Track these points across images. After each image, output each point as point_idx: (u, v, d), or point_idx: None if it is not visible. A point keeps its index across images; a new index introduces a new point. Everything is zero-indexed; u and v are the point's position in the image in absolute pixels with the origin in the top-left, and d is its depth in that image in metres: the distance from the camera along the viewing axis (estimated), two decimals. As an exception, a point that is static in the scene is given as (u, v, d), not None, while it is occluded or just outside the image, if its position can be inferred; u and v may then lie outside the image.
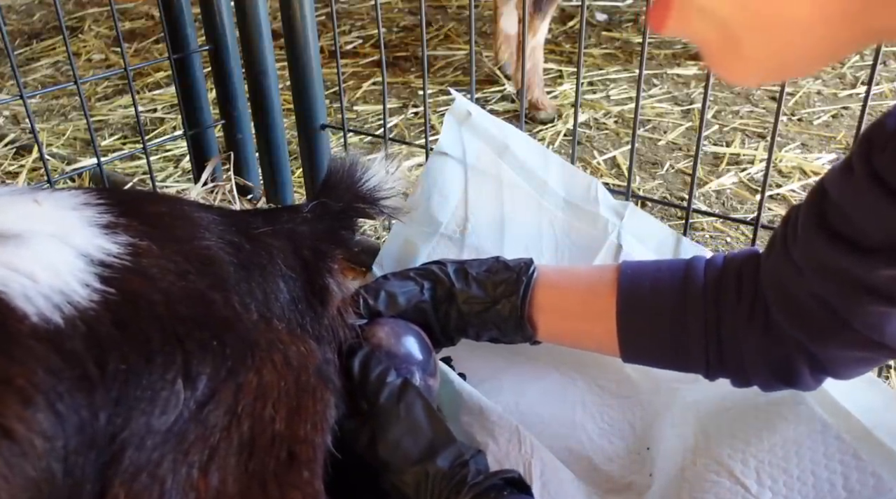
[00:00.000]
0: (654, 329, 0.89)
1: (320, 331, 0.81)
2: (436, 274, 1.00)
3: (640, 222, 1.15)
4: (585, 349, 1.01)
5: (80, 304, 0.64)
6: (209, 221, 0.78)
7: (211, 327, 0.68)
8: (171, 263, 0.69)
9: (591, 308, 0.94)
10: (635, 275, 0.92)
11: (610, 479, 0.99)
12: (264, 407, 0.69)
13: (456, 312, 0.98)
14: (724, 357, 0.87)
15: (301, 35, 1.53)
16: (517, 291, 0.96)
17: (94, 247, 0.67)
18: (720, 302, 0.86)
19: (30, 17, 3.55)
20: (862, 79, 2.61)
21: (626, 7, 3.34)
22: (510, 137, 1.21)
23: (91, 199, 0.73)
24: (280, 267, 0.79)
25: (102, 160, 1.56)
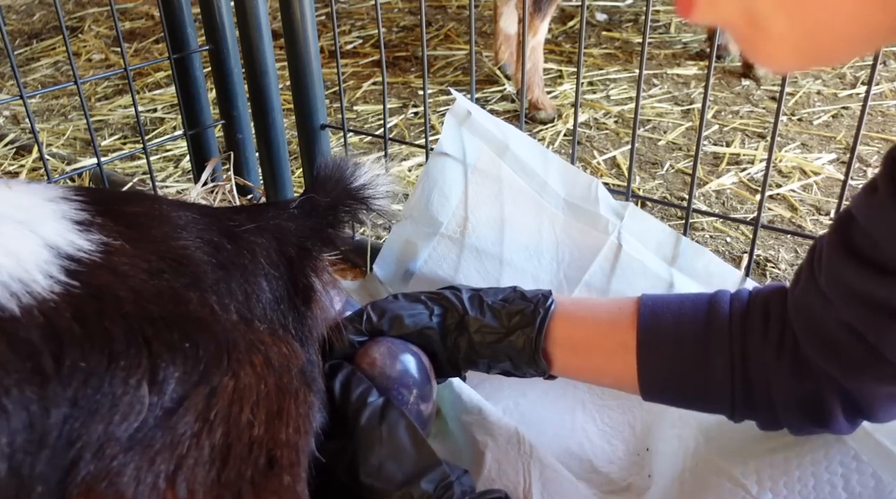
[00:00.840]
0: (675, 364, 0.85)
1: (304, 331, 0.78)
2: (448, 300, 0.96)
3: (640, 222, 1.15)
4: (603, 385, 0.97)
5: (40, 294, 0.60)
6: (188, 220, 0.75)
7: (183, 328, 0.65)
8: (144, 261, 0.66)
9: (609, 342, 0.89)
10: (656, 307, 0.88)
11: (610, 480, 1.00)
12: (241, 411, 0.66)
13: (467, 341, 0.94)
14: (751, 395, 0.82)
15: (301, 35, 1.53)
16: (533, 323, 0.91)
17: (63, 240, 0.64)
18: (746, 337, 0.82)
19: (30, 17, 3.55)
20: (862, 79, 2.61)
21: (626, 7, 3.34)
22: (511, 138, 1.21)
23: (69, 194, 0.70)
24: (263, 266, 0.76)
25: (102, 160, 1.56)
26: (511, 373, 0.95)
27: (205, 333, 0.66)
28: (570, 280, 1.16)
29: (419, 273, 1.24)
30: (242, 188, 1.77)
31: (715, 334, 0.83)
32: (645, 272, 1.11)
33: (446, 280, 1.22)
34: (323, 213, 0.86)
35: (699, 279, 1.11)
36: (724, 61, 2.81)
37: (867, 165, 2.08)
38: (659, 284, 1.11)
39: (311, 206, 0.85)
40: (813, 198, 1.93)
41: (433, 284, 1.23)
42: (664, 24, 3.16)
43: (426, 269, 1.23)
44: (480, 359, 0.95)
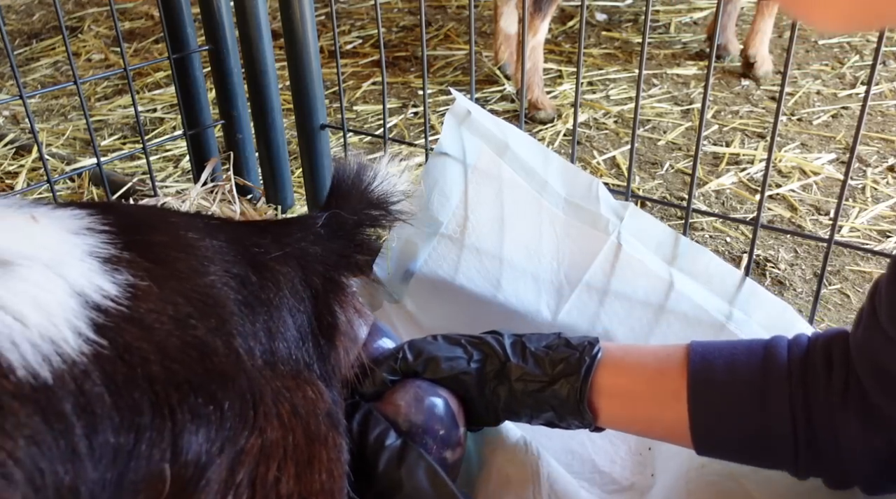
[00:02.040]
0: (731, 414, 0.80)
1: (327, 370, 0.75)
2: (489, 345, 0.91)
3: (640, 222, 1.15)
4: (654, 438, 0.93)
5: (70, 356, 0.55)
6: (214, 250, 0.71)
7: (208, 390, 0.61)
8: (171, 305, 0.62)
9: (658, 392, 0.84)
10: (707, 354, 0.83)
11: (612, 480, 1.00)
12: (267, 471, 0.63)
13: (507, 390, 0.89)
14: (817, 449, 0.76)
15: (301, 35, 1.53)
16: (578, 372, 0.86)
17: (91, 286, 0.59)
18: (808, 384, 0.77)
19: (29, 17, 3.55)
20: (861, 79, 2.61)
21: (626, 7, 3.34)
22: (511, 137, 1.20)
23: (94, 223, 0.65)
24: (287, 299, 0.72)
25: (102, 160, 1.56)
26: (555, 424, 0.90)
27: (229, 389, 0.63)
28: (571, 280, 1.15)
29: (419, 273, 1.23)
30: (242, 188, 1.77)
31: (773, 382, 0.78)
32: (645, 272, 1.11)
33: (446, 280, 1.22)
34: (349, 233, 0.82)
35: (700, 279, 1.11)
36: (723, 61, 2.81)
37: (867, 164, 2.08)
38: (659, 285, 1.11)
39: (336, 223, 0.81)
40: (812, 198, 1.93)
41: (433, 284, 1.23)
42: (664, 24, 3.17)
43: (426, 269, 1.23)
44: (522, 408, 0.90)
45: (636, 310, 1.11)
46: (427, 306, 1.24)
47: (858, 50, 2.87)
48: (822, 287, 1.14)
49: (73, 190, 1.92)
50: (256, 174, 1.83)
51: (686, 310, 1.09)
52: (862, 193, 1.95)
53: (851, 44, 2.92)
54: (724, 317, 1.07)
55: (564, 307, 1.15)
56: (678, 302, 1.09)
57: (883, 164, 2.09)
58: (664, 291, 1.10)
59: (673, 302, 1.09)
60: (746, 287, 1.09)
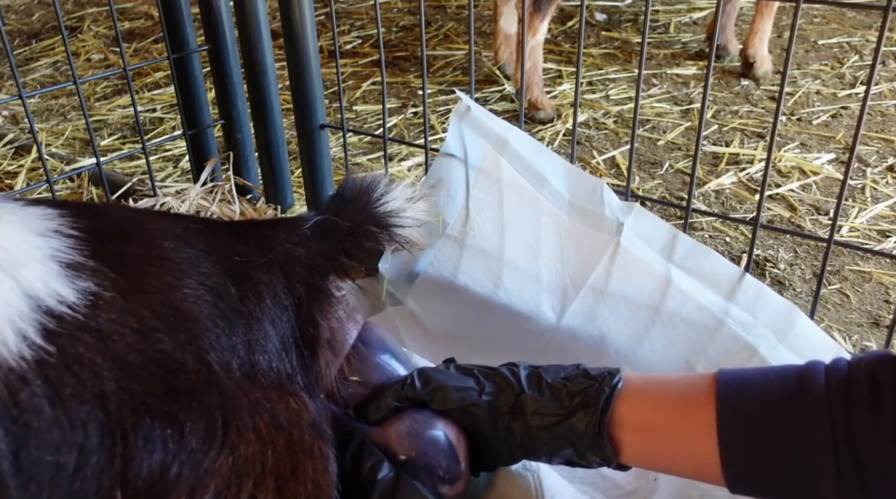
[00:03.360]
0: (766, 448, 0.74)
1: (311, 380, 0.72)
2: (504, 377, 0.86)
3: (645, 224, 1.15)
4: (683, 476, 0.87)
5: (6, 361, 0.50)
6: (191, 262, 0.67)
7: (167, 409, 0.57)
8: (135, 318, 0.58)
9: (685, 424, 0.78)
10: (736, 382, 0.77)
11: (616, 484, 0.99)
12: (240, 490, 0.60)
13: (522, 426, 0.84)
14: (863, 483, 0.69)
15: (300, 35, 1.53)
16: (596, 403, 0.81)
17: (46, 290, 0.55)
18: (852, 412, 0.70)
19: (29, 17, 3.55)
20: (861, 78, 2.61)
21: (626, 7, 3.34)
22: (515, 139, 1.20)
23: (64, 226, 0.61)
24: (269, 309, 0.69)
25: (101, 160, 1.56)
26: (575, 462, 0.85)
27: (194, 409, 0.59)
28: (576, 282, 1.15)
29: (424, 274, 1.23)
30: (242, 188, 1.77)
31: (811, 410, 0.71)
32: (650, 273, 1.11)
33: (451, 281, 1.22)
34: (340, 237, 0.78)
35: (705, 280, 1.11)
36: (723, 61, 2.81)
37: (866, 164, 2.08)
38: (663, 286, 1.11)
39: (327, 228, 0.78)
40: (812, 198, 1.93)
41: (438, 285, 1.23)
42: (663, 24, 3.17)
43: (431, 270, 1.23)
44: (539, 445, 0.84)
45: (640, 311, 1.11)
46: (431, 308, 1.25)
47: (858, 50, 2.87)
48: (821, 287, 1.14)
49: (73, 190, 1.92)
50: (256, 174, 1.83)
51: (690, 311, 1.09)
52: (861, 192, 1.95)
53: (851, 44, 2.93)
54: (728, 317, 1.07)
55: (569, 309, 1.15)
56: (682, 303, 1.09)
57: (882, 163, 2.09)
58: (668, 292, 1.10)
59: (677, 303, 1.09)
60: (753, 289, 1.09)
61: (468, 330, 1.22)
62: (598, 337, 1.14)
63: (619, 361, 1.10)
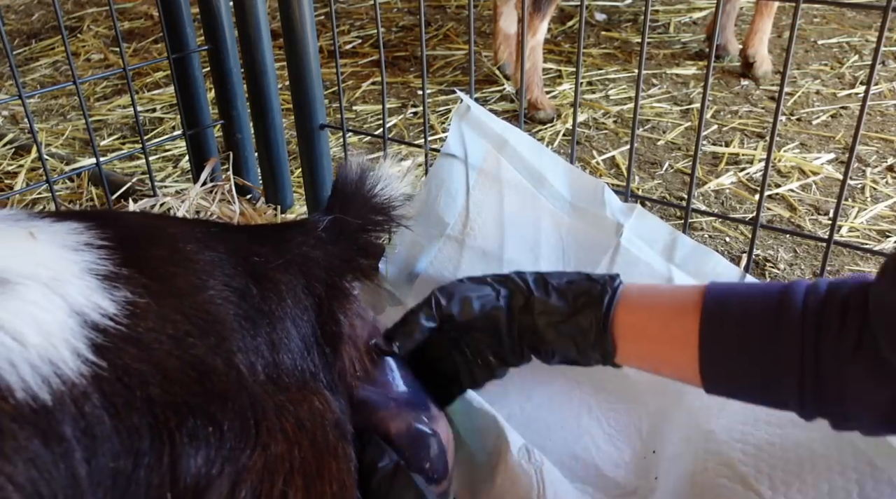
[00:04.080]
0: (740, 356, 0.81)
1: (333, 377, 0.74)
2: (514, 281, 0.94)
3: (646, 225, 1.15)
4: (665, 376, 0.94)
5: (70, 378, 0.54)
6: (213, 263, 0.69)
7: (206, 410, 0.60)
8: (169, 324, 0.61)
9: (672, 331, 0.86)
10: (722, 296, 0.84)
11: (616, 484, 0.99)
12: (273, 486, 0.63)
13: (530, 325, 0.92)
14: (822, 393, 0.77)
15: (300, 35, 1.53)
16: (601, 303, 0.88)
17: (89, 304, 0.58)
18: (821, 332, 0.77)
19: (28, 17, 3.55)
20: (861, 78, 2.62)
21: (626, 7, 3.35)
22: (516, 140, 1.20)
23: (93, 238, 0.64)
24: (290, 309, 0.72)
25: (101, 160, 1.56)
26: (574, 360, 0.92)
27: (228, 409, 0.62)
28: None
29: (425, 274, 1.23)
30: (242, 188, 1.77)
31: (785, 325, 0.78)
32: (651, 274, 1.11)
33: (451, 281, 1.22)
34: (353, 236, 0.81)
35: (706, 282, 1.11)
36: (723, 61, 2.81)
37: (866, 164, 2.08)
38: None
39: (339, 228, 0.81)
40: (812, 198, 1.93)
41: (438, 285, 1.23)
42: (663, 24, 3.17)
43: (432, 270, 1.23)
44: (544, 345, 0.92)
45: None
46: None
47: (858, 50, 2.87)
48: (821, 287, 1.14)
49: (73, 190, 1.92)
50: (256, 174, 1.83)
51: None
52: (861, 192, 1.95)
53: (851, 44, 2.93)
54: None
55: None
56: None
57: (882, 163, 2.09)
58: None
59: None
60: None
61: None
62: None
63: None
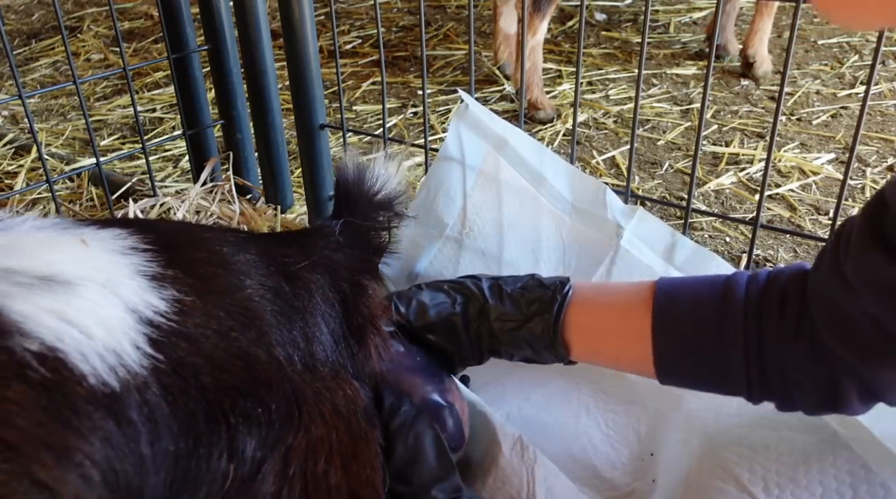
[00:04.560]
0: (691, 348, 0.84)
1: (359, 368, 0.79)
2: (469, 289, 0.97)
3: (647, 226, 1.15)
4: (622, 370, 0.97)
5: (133, 367, 0.59)
6: (249, 264, 0.75)
7: (255, 394, 0.65)
8: (214, 320, 0.66)
9: (625, 327, 0.89)
10: (671, 291, 0.87)
11: (613, 486, 0.99)
12: (316, 464, 0.68)
13: (487, 329, 0.96)
14: (766, 378, 0.81)
15: (300, 35, 1.53)
16: (551, 310, 0.92)
17: (142, 302, 0.63)
18: (762, 320, 0.81)
19: (28, 17, 3.55)
20: (861, 78, 2.61)
21: (626, 7, 3.34)
22: (517, 140, 1.20)
23: (138, 242, 0.69)
24: (319, 305, 0.77)
25: (101, 160, 1.56)
26: (532, 359, 0.97)
27: (274, 393, 0.67)
28: None
29: (424, 274, 1.24)
30: (242, 188, 1.77)
31: (729, 316, 0.82)
32: (652, 276, 1.11)
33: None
34: (365, 238, 0.87)
35: None
36: (723, 61, 2.81)
37: (866, 164, 2.08)
38: None
39: (351, 231, 0.87)
40: (812, 198, 1.93)
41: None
42: (663, 23, 3.17)
43: (431, 270, 1.23)
44: (502, 347, 0.96)
45: None
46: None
47: (858, 50, 2.87)
48: (821, 287, 1.14)
49: (73, 190, 1.92)
50: (256, 174, 1.83)
51: None
52: (861, 192, 1.95)
53: (851, 44, 2.93)
54: None
55: None
56: None
57: (882, 163, 2.09)
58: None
59: None
60: None
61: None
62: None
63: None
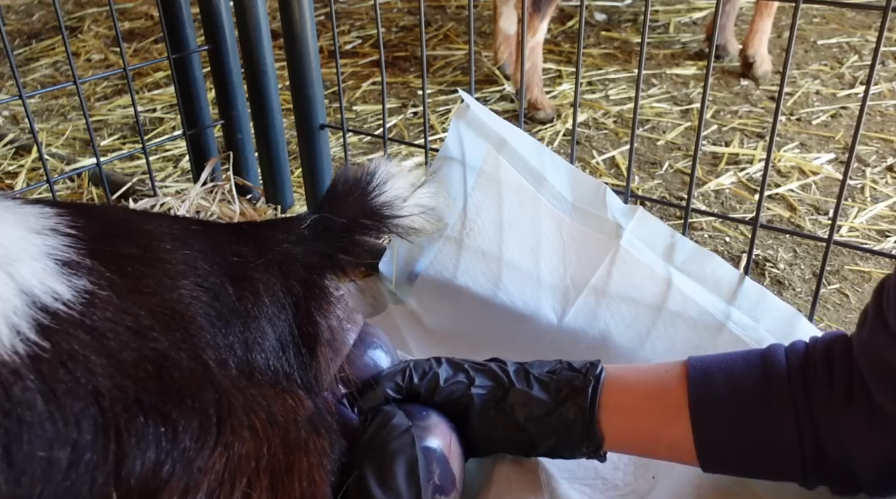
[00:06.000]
0: (735, 425, 0.79)
1: (309, 377, 0.73)
2: (493, 372, 0.90)
3: (648, 226, 1.15)
4: (660, 458, 0.90)
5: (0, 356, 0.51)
6: (188, 263, 0.67)
7: (162, 410, 0.57)
8: (130, 316, 0.59)
9: (660, 406, 0.83)
10: (705, 367, 0.82)
11: (614, 485, 1.00)
12: (232, 489, 0.60)
13: (506, 419, 0.87)
14: (823, 453, 0.76)
15: (300, 35, 1.53)
16: (584, 393, 0.85)
17: (41, 286, 0.55)
18: (809, 387, 0.76)
19: (29, 17, 3.55)
20: (861, 78, 2.62)
21: (626, 7, 3.35)
22: (517, 140, 1.20)
23: (62, 225, 0.62)
24: (266, 307, 0.70)
25: (102, 160, 1.56)
26: (556, 452, 0.89)
27: (188, 408, 0.59)
28: (577, 285, 1.15)
29: (424, 274, 1.24)
30: (242, 188, 1.77)
31: (774, 390, 0.77)
32: (651, 276, 1.11)
33: (451, 282, 1.22)
34: (335, 235, 0.79)
35: (706, 284, 1.11)
36: (722, 61, 2.81)
37: (866, 164, 2.08)
38: (664, 288, 1.11)
39: (323, 226, 0.79)
40: (812, 198, 1.93)
41: (438, 285, 1.23)
42: (663, 24, 3.17)
43: (431, 270, 1.23)
44: (522, 437, 0.88)
45: (642, 313, 1.12)
46: (431, 308, 1.25)
47: (857, 50, 2.87)
48: (821, 287, 1.14)
49: (73, 190, 1.92)
50: (256, 174, 1.83)
51: (692, 314, 1.09)
52: (861, 192, 1.95)
53: (850, 44, 2.93)
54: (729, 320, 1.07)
55: (570, 310, 1.15)
56: (683, 306, 1.09)
57: (882, 163, 2.09)
58: (670, 294, 1.10)
59: (678, 305, 1.09)
60: (755, 293, 1.09)
61: (468, 330, 1.22)
62: (599, 338, 1.14)
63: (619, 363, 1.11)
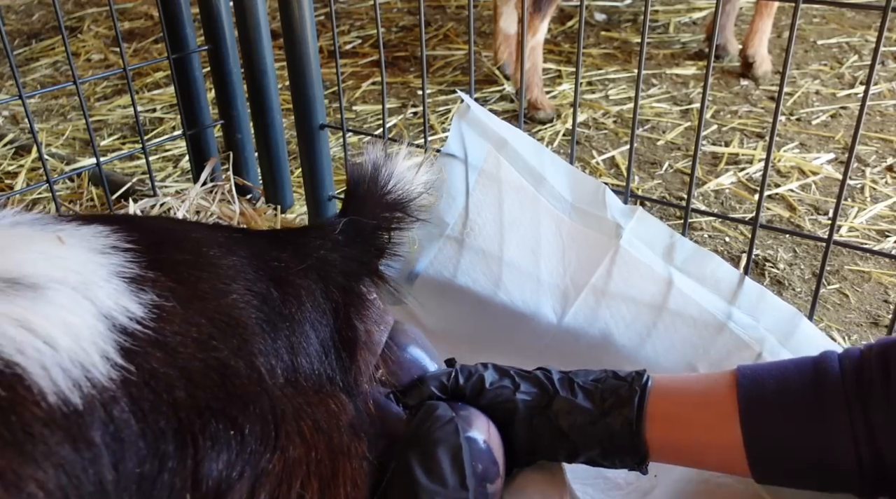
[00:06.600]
0: (787, 430, 0.76)
1: (349, 380, 0.75)
2: (537, 378, 0.89)
3: (647, 226, 1.15)
4: (709, 468, 0.88)
5: (100, 381, 0.54)
6: (236, 267, 0.70)
7: (230, 414, 0.61)
8: (194, 327, 0.62)
9: (709, 414, 0.81)
10: (755, 374, 0.80)
11: (616, 485, 1.00)
12: (290, 489, 0.63)
13: (550, 427, 0.85)
14: (881, 460, 0.73)
15: (300, 35, 1.53)
16: (631, 403, 0.83)
17: (117, 307, 0.59)
18: (864, 392, 0.74)
19: (29, 17, 3.55)
20: (860, 78, 2.62)
21: (625, 7, 3.35)
22: (517, 140, 1.20)
23: (119, 241, 0.65)
24: (309, 313, 0.73)
25: (101, 160, 1.56)
26: (597, 462, 0.87)
27: (251, 412, 0.63)
28: (577, 285, 1.15)
29: (424, 274, 1.24)
30: (242, 188, 1.77)
31: (829, 397, 0.75)
32: (651, 275, 1.11)
33: (451, 282, 1.22)
34: (369, 238, 0.82)
35: (706, 284, 1.11)
36: (722, 61, 2.81)
37: (865, 164, 2.08)
38: (664, 288, 1.11)
39: (355, 229, 0.82)
40: (811, 198, 1.93)
41: (438, 285, 1.23)
42: (663, 24, 3.17)
43: (431, 270, 1.23)
44: (564, 445, 0.86)
45: (642, 313, 1.12)
46: (431, 307, 1.25)
47: (857, 50, 2.87)
48: (820, 287, 1.14)
49: (73, 190, 1.92)
50: (256, 174, 1.83)
51: (692, 313, 1.09)
52: (861, 192, 1.95)
53: (850, 44, 2.93)
54: (729, 319, 1.07)
55: (570, 310, 1.15)
56: (684, 305, 1.09)
57: (882, 163, 2.09)
58: (670, 294, 1.10)
59: (678, 305, 1.09)
60: (755, 293, 1.09)
61: (468, 330, 1.22)
62: (599, 338, 1.14)
63: (620, 363, 1.11)
